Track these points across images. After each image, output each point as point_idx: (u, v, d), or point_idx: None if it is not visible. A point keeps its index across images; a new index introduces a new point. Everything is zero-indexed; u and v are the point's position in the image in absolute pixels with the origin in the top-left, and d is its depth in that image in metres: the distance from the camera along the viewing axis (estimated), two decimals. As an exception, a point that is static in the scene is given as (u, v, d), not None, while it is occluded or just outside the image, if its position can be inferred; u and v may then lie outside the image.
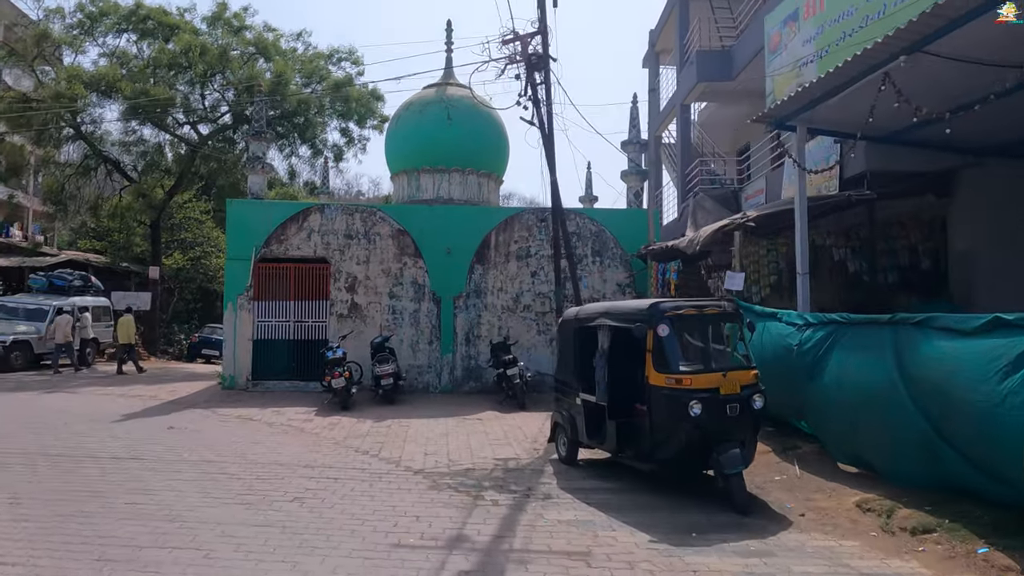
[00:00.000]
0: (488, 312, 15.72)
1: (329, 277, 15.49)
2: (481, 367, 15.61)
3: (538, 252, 15.86)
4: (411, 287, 15.58)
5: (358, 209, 15.62)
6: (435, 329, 15.58)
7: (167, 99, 21.00)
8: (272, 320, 15.37)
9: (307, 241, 15.48)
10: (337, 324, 15.39)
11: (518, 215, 15.90)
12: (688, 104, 18.56)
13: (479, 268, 15.74)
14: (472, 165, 17.47)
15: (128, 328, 18.81)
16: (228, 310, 15.25)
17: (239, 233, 15.37)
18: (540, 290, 15.81)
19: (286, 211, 15.57)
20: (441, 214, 15.79)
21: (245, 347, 15.17)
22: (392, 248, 15.60)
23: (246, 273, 15.21)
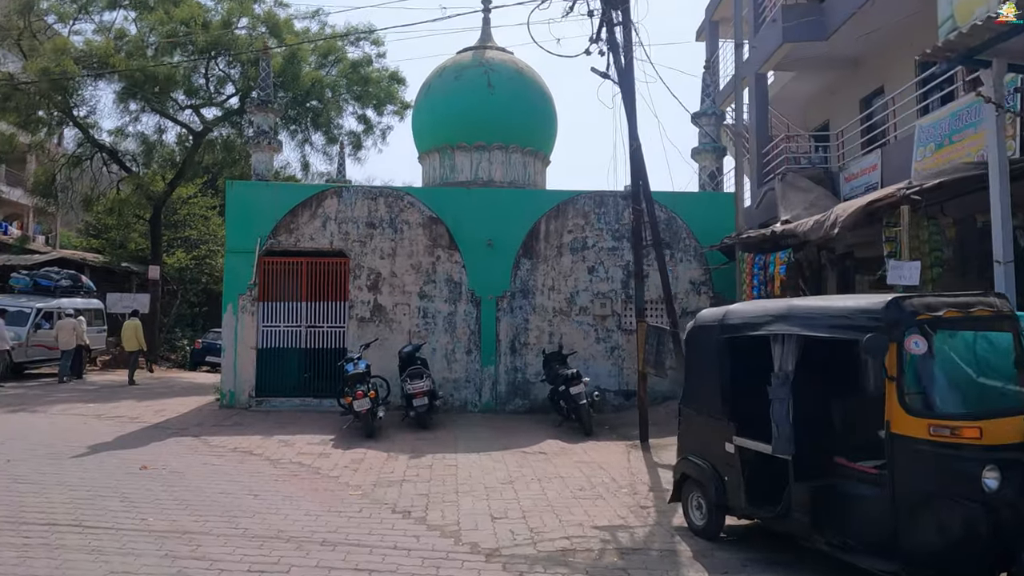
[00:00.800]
0: (537, 316, 13.02)
1: (348, 274, 12.85)
2: (529, 381, 12.91)
3: (596, 244, 13.15)
4: (445, 286, 12.91)
5: (382, 193, 12.98)
6: (474, 336, 12.90)
7: (167, 76, 18.44)
8: (280, 325, 12.74)
9: (322, 231, 12.85)
10: (357, 330, 12.74)
11: (572, 200, 13.20)
12: (764, 74, 15.82)
13: (526, 263, 13.05)
14: (516, 141, 14.80)
15: (135, 333, 16.57)
16: (227, 313, 12.63)
17: (241, 221, 12.76)
18: (599, 289, 13.10)
19: (297, 195, 12.94)
20: (481, 198, 13.12)
21: (248, 357, 12.54)
22: (423, 239, 12.94)
23: (249, 269, 12.59)
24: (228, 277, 12.71)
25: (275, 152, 13.60)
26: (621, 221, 13.21)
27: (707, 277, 13.29)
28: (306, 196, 12.90)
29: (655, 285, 12.97)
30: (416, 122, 15.78)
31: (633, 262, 10.42)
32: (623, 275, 13.15)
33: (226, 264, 12.75)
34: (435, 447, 9.33)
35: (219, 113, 22.03)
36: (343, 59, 22.42)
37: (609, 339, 13.08)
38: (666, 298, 9.82)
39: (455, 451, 9.09)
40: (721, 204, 13.48)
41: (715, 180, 13.87)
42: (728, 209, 13.46)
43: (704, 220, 13.31)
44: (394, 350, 12.33)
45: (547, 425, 11.44)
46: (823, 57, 15.17)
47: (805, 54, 15.01)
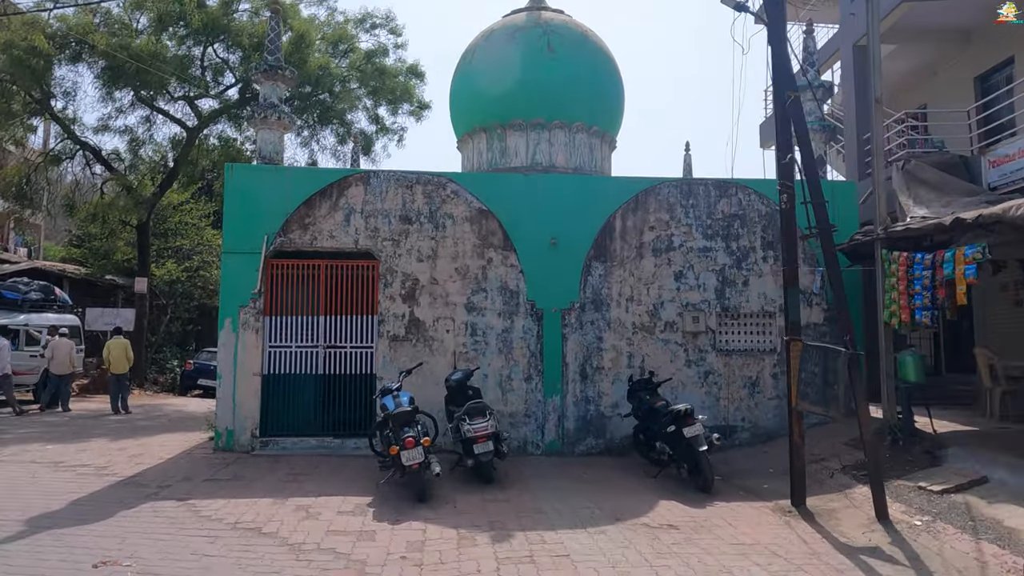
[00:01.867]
0: (612, 333, 10.33)
1: (377, 280, 10.14)
2: (604, 415, 10.19)
3: (684, 243, 10.50)
4: (499, 295, 10.21)
5: (420, 179, 10.30)
6: (535, 358, 10.18)
7: (153, 54, 15.76)
8: (291, 345, 9.99)
9: (345, 226, 10.15)
10: (389, 351, 10.00)
11: (654, 189, 10.56)
12: (864, 47, 13.30)
13: (598, 267, 10.38)
14: (582, 119, 12.16)
15: (124, 353, 14.01)
16: (225, 330, 9.88)
17: (243, 214, 10.05)
18: (689, 300, 10.43)
19: (314, 181, 10.24)
20: (542, 187, 10.45)
21: (250, 385, 9.78)
22: (471, 237, 10.26)
23: (252, 274, 9.87)
24: (226, 285, 9.97)
25: (285, 130, 10.94)
26: (714, 215, 10.59)
27: (822, 283, 10.63)
28: (325, 183, 10.20)
29: (758, 293, 10.34)
30: (456, 97, 13.11)
31: (783, 261, 7.73)
32: (717, 282, 10.50)
33: (223, 268, 10.02)
34: (517, 517, 6.59)
35: (216, 106, 19.36)
36: (355, 49, 19.89)
37: (702, 362, 10.39)
38: (839, 308, 7.17)
39: (550, 524, 6.35)
40: (839, 196, 10.84)
41: (822, 167, 11.26)
42: (848, 202, 10.85)
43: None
44: (434, 377, 9.62)
45: (637, 474, 8.76)
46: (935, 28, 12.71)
47: (915, 22, 12.54)
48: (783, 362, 10.35)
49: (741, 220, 10.61)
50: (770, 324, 10.61)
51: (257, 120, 10.63)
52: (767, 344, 10.58)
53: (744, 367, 10.45)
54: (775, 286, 10.56)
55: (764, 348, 10.56)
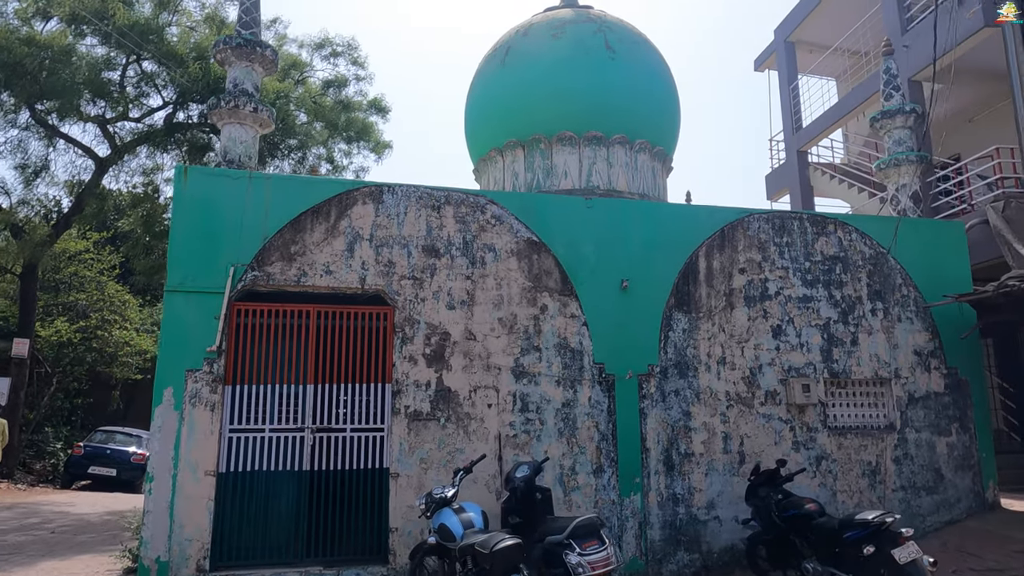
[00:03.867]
0: (702, 406, 7.70)
1: (391, 334, 7.11)
2: (697, 519, 7.42)
3: (781, 291, 8.17)
4: (556, 356, 7.42)
5: (450, 199, 7.50)
6: (606, 442, 7.36)
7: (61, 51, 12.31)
8: (263, 428, 6.72)
9: (346, 259, 7.14)
10: (408, 435, 6.91)
11: (741, 222, 8.25)
12: (918, 82, 11.91)
13: (681, 319, 7.83)
14: (645, 135, 9.79)
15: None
16: (163, 405, 6.49)
17: (199, 236, 6.86)
18: (792, 362, 8.02)
19: (305, 195, 7.21)
20: (608, 215, 7.89)
21: (199, 490, 6.38)
22: (518, 277, 7.49)
23: (210, 324, 6.64)
24: (167, 339, 6.64)
25: (262, 128, 7.90)
26: (812, 257, 8.36)
27: (936, 346, 8.53)
28: (321, 199, 7.22)
29: (870, 355, 8.10)
30: (479, 106, 10.44)
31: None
32: (822, 339, 8.18)
33: (165, 315, 6.69)
34: None
35: (139, 130, 15.86)
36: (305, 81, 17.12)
37: (812, 443, 7.91)
38: None
39: None
40: (947, 238, 8.93)
41: (919, 205, 9.37)
42: (957, 246, 8.91)
43: (924, 261, 8.69)
44: (472, 473, 6.59)
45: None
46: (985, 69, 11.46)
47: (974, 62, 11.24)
48: (905, 442, 8.07)
49: (843, 264, 8.44)
50: (885, 394, 8.34)
51: (224, 111, 7.57)
52: (882, 419, 8.27)
53: (861, 450, 8.05)
54: (888, 345, 8.37)
55: (880, 424, 8.24)
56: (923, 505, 8.10)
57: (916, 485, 8.11)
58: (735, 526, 7.44)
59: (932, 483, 8.17)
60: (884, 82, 9.60)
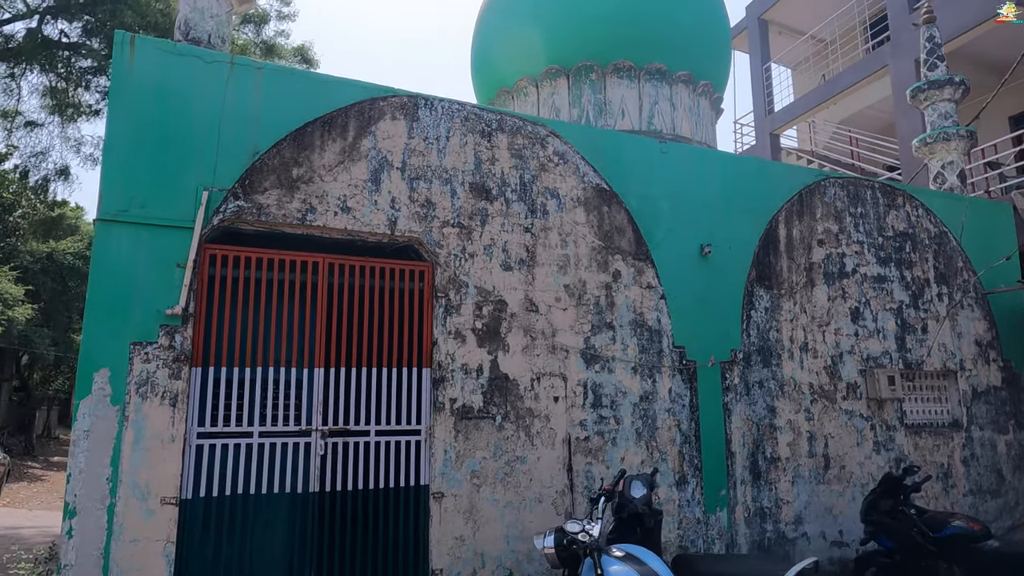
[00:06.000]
0: (787, 400, 6.35)
1: (429, 299, 5.09)
2: (786, 538, 6.06)
3: (857, 268, 7.01)
4: (632, 335, 5.74)
5: (504, 124, 5.57)
6: (689, 445, 5.79)
7: None
8: (250, 430, 4.49)
9: (368, 192, 5.03)
10: (454, 439, 4.95)
11: (818, 186, 6.99)
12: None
13: (762, 295, 6.42)
14: (708, 76, 8.20)
15: None
16: (92, 399, 4.09)
17: (153, 141, 4.47)
18: (870, 351, 6.88)
19: (315, 98, 4.98)
20: (685, 164, 6.30)
21: (153, 529, 4.06)
22: (587, 233, 5.73)
23: (168, 273, 4.31)
24: (98, 295, 4.22)
25: (241, 3, 5.52)
26: (884, 232, 7.29)
27: (993, 336, 7.76)
28: (335, 106, 5.03)
29: (939, 344, 7.18)
30: (501, 22, 8.28)
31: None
32: (896, 326, 7.12)
33: (94, 259, 4.26)
34: None
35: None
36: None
37: (891, 444, 6.81)
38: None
39: None
40: (998, 221, 8.20)
41: (965, 183, 8.61)
42: (1007, 229, 8.21)
43: (978, 244, 7.91)
44: (534, 489, 4.87)
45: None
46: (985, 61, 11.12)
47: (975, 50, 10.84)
48: (971, 442, 7.21)
49: (912, 242, 7.44)
50: (949, 387, 7.43)
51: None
52: (947, 416, 7.36)
53: (934, 450, 7.08)
54: (952, 334, 7.46)
55: (945, 421, 7.32)
56: (989, 510, 7.27)
57: (982, 488, 7.27)
58: (823, 544, 6.18)
59: (995, 485, 7.37)
60: (927, 51, 8.76)
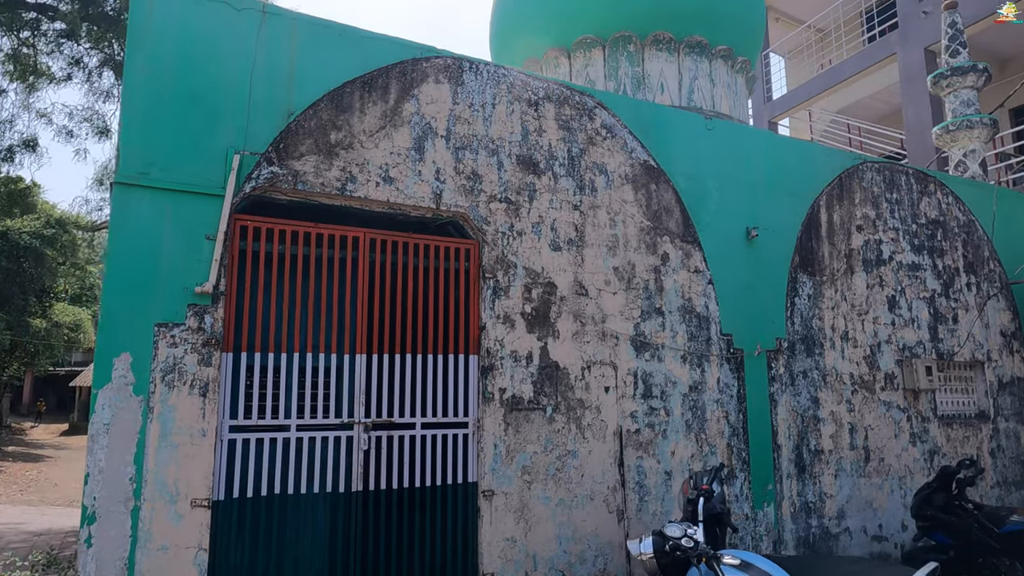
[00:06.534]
0: (829, 391, 6.12)
1: (475, 280, 4.67)
2: (830, 533, 5.86)
3: (893, 256, 6.83)
4: (681, 321, 5.41)
5: (551, 94, 5.15)
6: (737, 437, 5.52)
7: None
8: (286, 426, 4.02)
9: (412, 161, 4.57)
10: (505, 430, 4.56)
11: (857, 170, 6.76)
12: (936, 53, 11.21)
13: (805, 282, 6.18)
14: (745, 52, 7.86)
15: None
16: (112, 388, 3.57)
17: (177, 96, 3.94)
18: (905, 340, 6.71)
19: (354, 55, 4.49)
20: (730, 142, 5.99)
21: (184, 535, 3.58)
22: (635, 213, 5.37)
23: (195, 247, 3.80)
24: (117, 270, 3.69)
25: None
26: (917, 219, 7.12)
27: (1017, 326, 7.69)
28: (375, 65, 4.55)
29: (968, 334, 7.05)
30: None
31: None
32: (929, 315, 6.96)
33: (113, 228, 3.74)
34: None
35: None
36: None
37: (925, 435, 6.66)
38: None
39: None
40: (1020, 209, 8.12)
41: (985, 170, 8.52)
42: None
43: (1003, 233, 7.82)
44: (585, 485, 4.58)
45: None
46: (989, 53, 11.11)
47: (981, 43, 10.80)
48: (998, 433, 7.13)
49: (943, 230, 7.29)
50: (975, 378, 7.33)
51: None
52: (973, 407, 7.26)
53: (964, 442, 6.97)
54: (980, 324, 7.36)
55: (972, 413, 7.22)
56: (1014, 502, 7.21)
57: (1008, 480, 7.21)
58: (864, 539, 6.00)
59: (1020, 477, 7.32)
60: (949, 37, 8.62)
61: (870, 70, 12.05)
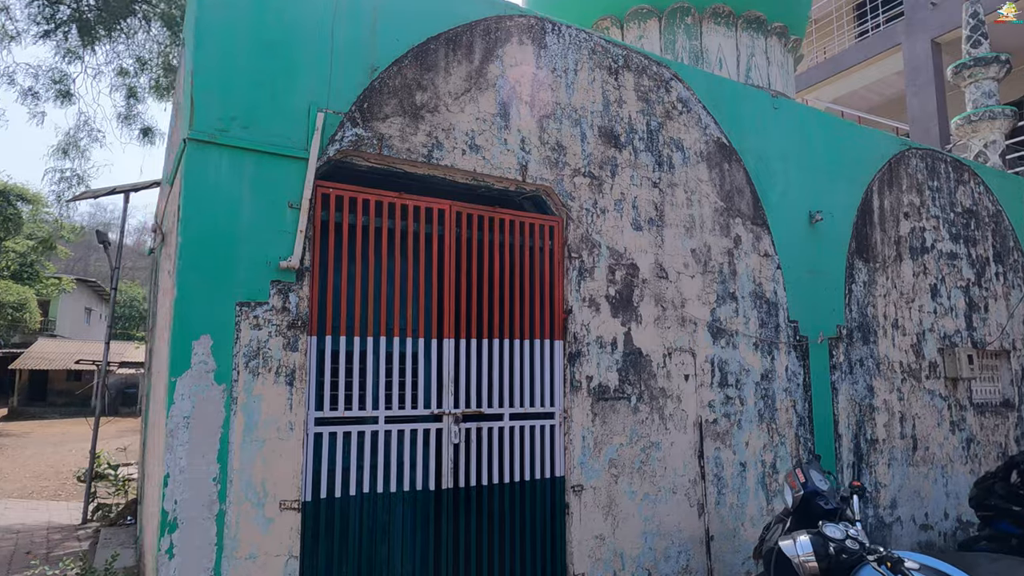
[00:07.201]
0: (881, 379, 6.05)
1: (559, 260, 4.33)
2: (884, 523, 5.81)
3: (935, 244, 6.80)
4: (752, 307, 5.21)
5: (630, 62, 4.82)
6: (803, 427, 5.37)
7: None
8: (374, 418, 3.62)
9: (497, 128, 4.17)
10: (592, 421, 4.25)
11: (903, 156, 6.67)
12: (939, 45, 11.29)
13: (861, 268, 6.07)
14: (797, 31, 7.60)
15: None
16: (192, 375, 3.11)
17: (253, 45, 3.44)
18: (944, 328, 6.70)
19: (436, 8, 4.04)
20: (793, 122, 5.78)
21: (274, 541, 3.16)
22: (710, 193, 5.11)
23: (275, 215, 3.35)
24: (193, 238, 3.20)
25: None
26: (954, 208, 7.11)
27: (1036, 315, 7.81)
28: (459, 21, 4.12)
29: (997, 323, 7.12)
30: None
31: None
32: (964, 304, 6.98)
33: (187, 189, 3.24)
34: None
35: None
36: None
37: (963, 424, 6.69)
38: None
39: None
40: (1039, 199, 8.23)
41: (1004, 159, 8.60)
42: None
43: (1020, 221, 7.92)
44: (667, 479, 4.39)
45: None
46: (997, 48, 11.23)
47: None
48: (1022, 421, 7.24)
49: (976, 219, 7.31)
50: (1000, 367, 7.41)
51: None
52: (998, 395, 7.35)
53: (994, 430, 7.04)
54: (1006, 313, 7.44)
55: (997, 400, 7.31)
56: (1035, 488, 7.33)
57: (1030, 467, 7.31)
58: (913, 528, 5.97)
59: (1040, 464, 7.44)
60: (971, 28, 8.65)
61: (872, 60, 12.13)
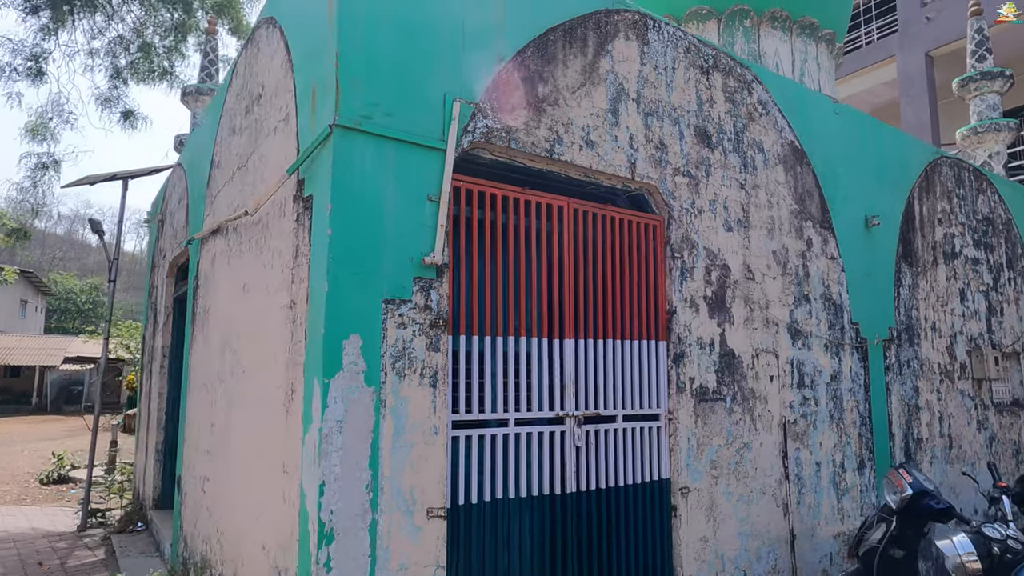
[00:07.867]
0: (924, 380, 6.26)
1: (661, 260, 4.29)
2: (929, 518, 5.96)
3: (962, 250, 7.08)
4: (823, 309, 5.30)
5: (719, 62, 4.80)
6: (864, 427, 5.50)
7: None
8: (505, 421, 3.50)
9: (609, 125, 4.09)
10: (695, 422, 4.24)
11: (936, 165, 6.91)
12: (933, 57, 11.70)
13: (906, 272, 6.25)
14: (839, 32, 7.68)
15: None
16: (344, 377, 2.92)
17: (393, 28, 3.27)
18: (970, 330, 6.98)
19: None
20: (851, 126, 5.89)
21: (423, 551, 3.01)
22: (786, 195, 5.16)
23: (415, 208, 3.20)
24: (340, 230, 3.01)
25: None
26: (976, 215, 7.41)
27: (1040, 318, 8.23)
28: (573, 13, 4.02)
29: (1010, 326, 7.48)
30: None
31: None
32: (985, 307, 7.29)
33: (336, 178, 3.04)
34: None
35: None
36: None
37: (986, 422, 6.99)
38: None
39: None
40: (1042, 209, 8.65)
41: (1005, 169, 9.01)
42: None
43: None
44: (759, 479, 4.45)
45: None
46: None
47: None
48: (1032, 419, 7.60)
49: (992, 227, 7.64)
50: (1011, 367, 7.77)
51: None
52: (1009, 395, 7.69)
53: (1010, 428, 7.38)
54: (1016, 316, 7.80)
55: (1010, 399, 7.66)
56: (1041, 483, 7.72)
57: (1038, 463, 7.71)
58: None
59: (1045, 460, 7.85)
60: (976, 43, 9.02)
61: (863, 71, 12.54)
